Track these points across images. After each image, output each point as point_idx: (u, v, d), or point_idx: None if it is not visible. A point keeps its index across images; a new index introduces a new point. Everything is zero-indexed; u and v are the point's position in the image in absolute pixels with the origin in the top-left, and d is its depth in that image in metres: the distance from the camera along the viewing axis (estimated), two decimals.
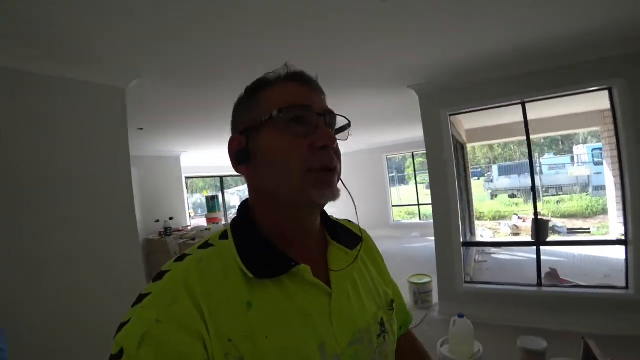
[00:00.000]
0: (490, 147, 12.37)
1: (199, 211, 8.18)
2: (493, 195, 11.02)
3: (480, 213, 8.58)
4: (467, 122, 5.05)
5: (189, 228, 4.74)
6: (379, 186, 7.40)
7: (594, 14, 1.84)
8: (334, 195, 0.46)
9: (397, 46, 2.11)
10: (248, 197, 0.54)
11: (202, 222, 6.01)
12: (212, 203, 4.94)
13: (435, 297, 3.17)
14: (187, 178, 6.49)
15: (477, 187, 10.85)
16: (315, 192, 0.44)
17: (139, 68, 2.04)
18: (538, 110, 3.42)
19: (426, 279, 3.20)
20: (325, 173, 0.45)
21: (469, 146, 5.82)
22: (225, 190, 6.81)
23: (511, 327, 2.50)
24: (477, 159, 13.07)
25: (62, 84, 1.83)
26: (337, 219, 0.62)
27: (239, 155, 0.49)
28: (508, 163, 11.88)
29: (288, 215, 0.48)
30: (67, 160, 1.83)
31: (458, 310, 2.17)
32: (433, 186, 3.01)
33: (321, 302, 0.46)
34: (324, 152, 0.45)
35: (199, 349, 0.37)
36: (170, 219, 4.79)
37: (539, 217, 3.19)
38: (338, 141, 0.50)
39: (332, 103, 0.52)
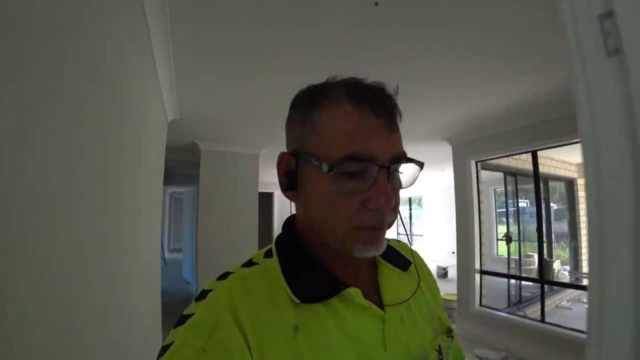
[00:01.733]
0: None
1: None
2: None
3: None
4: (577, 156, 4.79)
5: None
6: None
7: None
8: (377, 250, 0.41)
9: (437, 109, 2.92)
10: (295, 213, 0.50)
11: None
12: None
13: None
14: None
15: None
16: (358, 247, 0.40)
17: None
18: None
19: (455, 297, 3.82)
20: (372, 231, 0.41)
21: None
22: None
23: (513, 356, 2.89)
24: None
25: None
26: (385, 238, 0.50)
27: (286, 179, 0.44)
28: None
29: (333, 253, 0.43)
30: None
31: (472, 327, 2.67)
32: (459, 220, 3.68)
33: (373, 327, 0.43)
34: (377, 212, 0.39)
35: None
36: None
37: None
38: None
39: None
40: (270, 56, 1.90)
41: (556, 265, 4.75)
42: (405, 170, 0.44)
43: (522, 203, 4.93)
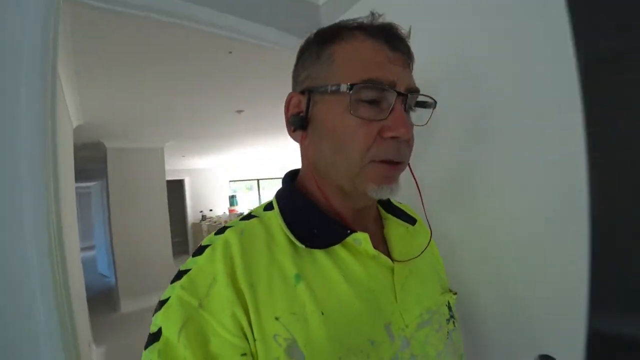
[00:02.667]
0: None
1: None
2: None
3: None
4: None
5: (220, 215, 7.44)
6: None
7: None
8: (392, 192, 0.41)
9: None
10: (298, 168, 0.50)
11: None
12: (231, 200, 7.67)
13: None
14: (232, 181, 9.30)
15: None
16: (372, 187, 0.40)
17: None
18: None
19: None
20: (387, 166, 0.40)
21: None
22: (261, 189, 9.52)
23: None
24: None
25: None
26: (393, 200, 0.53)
27: (294, 120, 0.43)
28: None
29: (341, 197, 0.43)
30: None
31: None
32: None
33: (383, 277, 0.42)
34: (393, 143, 0.39)
35: (240, 342, 0.33)
36: (210, 210, 7.59)
37: None
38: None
39: None
40: (151, 73, 2.58)
41: None
42: (418, 109, 0.43)
43: None
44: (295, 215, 0.42)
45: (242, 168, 8.88)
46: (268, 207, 0.46)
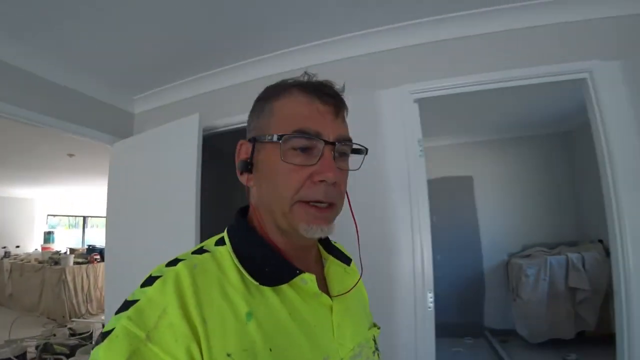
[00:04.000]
0: None
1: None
2: None
3: None
4: None
5: (30, 253, 6.54)
6: None
7: None
8: (322, 232, 0.44)
9: None
10: (246, 205, 0.53)
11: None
12: (47, 236, 6.90)
13: None
14: (50, 215, 8.15)
15: None
16: (303, 225, 0.43)
17: None
18: None
19: None
20: (316, 208, 0.43)
21: None
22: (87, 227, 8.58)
23: None
24: None
25: None
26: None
27: (241, 165, 0.48)
28: None
29: (280, 234, 0.47)
30: None
31: None
32: None
33: (323, 315, 0.46)
34: (321, 185, 0.43)
35: None
36: (17, 247, 6.56)
37: None
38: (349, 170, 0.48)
39: None
40: None
41: None
42: (353, 157, 0.48)
43: None
44: (248, 252, 0.44)
45: (66, 202, 8.02)
46: (219, 241, 0.47)
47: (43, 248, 6.52)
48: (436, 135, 3.54)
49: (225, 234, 0.48)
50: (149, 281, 0.39)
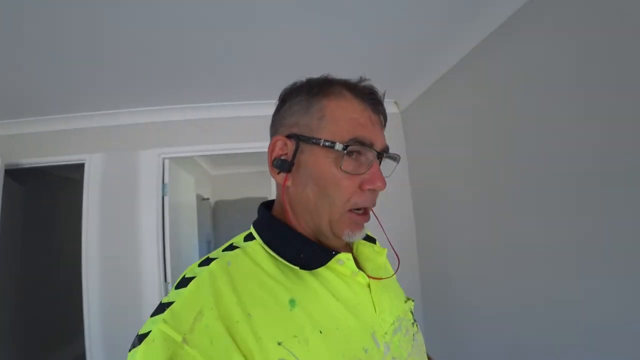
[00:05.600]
0: None
1: None
2: None
3: None
4: None
5: None
6: None
7: None
8: (359, 236, 0.46)
9: None
10: (270, 200, 0.54)
11: None
12: None
13: None
14: None
15: None
16: (347, 232, 0.44)
17: None
18: None
19: None
20: (361, 215, 0.45)
21: None
22: None
23: None
24: None
25: None
26: None
27: (278, 163, 0.46)
28: None
29: (312, 235, 0.47)
30: None
31: None
32: None
33: (362, 293, 0.46)
34: (370, 193, 0.45)
35: None
36: None
37: None
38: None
39: None
40: None
41: None
42: (385, 165, 0.49)
43: None
44: (280, 242, 0.45)
45: None
46: (248, 237, 0.47)
47: None
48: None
49: (252, 230, 0.49)
50: (183, 282, 0.38)
